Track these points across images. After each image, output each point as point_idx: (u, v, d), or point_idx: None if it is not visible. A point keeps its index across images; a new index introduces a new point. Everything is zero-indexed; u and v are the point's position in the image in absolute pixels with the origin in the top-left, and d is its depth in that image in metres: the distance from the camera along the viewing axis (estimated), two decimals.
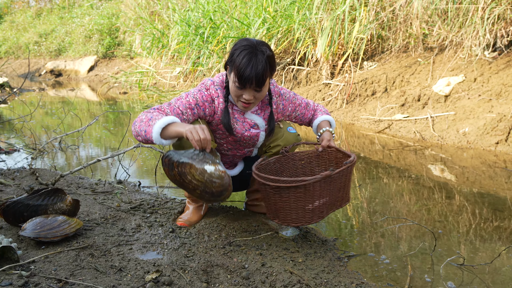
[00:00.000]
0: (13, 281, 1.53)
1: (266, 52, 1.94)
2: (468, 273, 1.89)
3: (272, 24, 7.31)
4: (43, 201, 2.16)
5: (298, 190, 1.93)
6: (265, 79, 1.94)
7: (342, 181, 2.06)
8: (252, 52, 1.91)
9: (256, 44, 1.95)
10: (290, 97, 2.31)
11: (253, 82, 1.92)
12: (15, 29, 22.75)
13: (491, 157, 3.80)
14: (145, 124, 1.89)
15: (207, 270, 1.75)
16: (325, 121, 2.36)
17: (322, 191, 1.97)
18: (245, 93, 1.98)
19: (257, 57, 1.91)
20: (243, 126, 2.17)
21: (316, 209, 2.00)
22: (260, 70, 1.91)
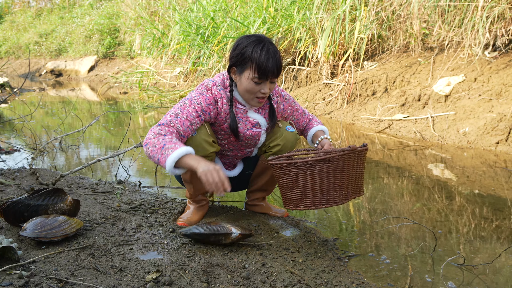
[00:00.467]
0: (13, 281, 1.53)
1: (272, 43, 2.03)
2: (468, 273, 1.89)
3: (272, 24, 7.31)
4: (43, 201, 2.16)
5: (326, 165, 1.94)
6: (280, 69, 2.04)
7: (359, 166, 2.06)
8: (264, 45, 1.98)
9: (260, 37, 2.03)
10: (290, 100, 2.36)
11: (274, 71, 1.99)
12: (15, 29, 22.77)
13: (492, 157, 3.80)
14: (158, 152, 1.89)
15: (208, 270, 1.75)
16: (321, 131, 2.38)
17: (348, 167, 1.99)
18: (263, 87, 2.03)
19: (270, 48, 1.99)
20: (245, 125, 2.17)
21: (344, 187, 2.01)
22: (277, 61, 2.00)
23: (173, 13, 9.93)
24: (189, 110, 2.02)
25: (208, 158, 2.11)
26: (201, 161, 1.84)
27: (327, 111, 6.17)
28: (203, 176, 1.79)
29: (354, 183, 2.06)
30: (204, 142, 2.07)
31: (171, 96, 8.45)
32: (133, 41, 13.39)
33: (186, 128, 2.00)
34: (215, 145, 2.13)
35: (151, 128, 1.99)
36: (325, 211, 2.66)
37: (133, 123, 6.16)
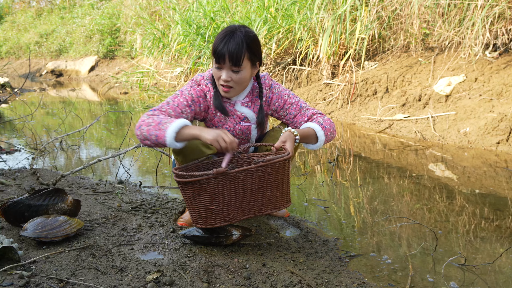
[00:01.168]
0: (14, 281, 1.53)
1: (245, 32, 1.97)
2: (469, 273, 1.89)
3: (273, 24, 7.31)
4: (44, 201, 2.16)
5: (195, 187, 1.79)
6: (240, 57, 1.94)
7: (263, 181, 1.83)
8: (230, 32, 1.96)
9: (236, 26, 2.00)
10: (282, 92, 2.20)
11: (226, 57, 1.93)
12: (16, 29, 22.77)
13: (492, 157, 3.79)
14: (155, 128, 1.87)
15: (208, 270, 1.75)
16: (309, 129, 2.11)
17: (224, 189, 1.79)
18: (223, 73, 1.99)
19: (234, 35, 1.95)
20: (233, 119, 2.16)
21: (220, 210, 1.82)
22: (234, 46, 1.93)
23: (174, 13, 9.93)
24: (180, 99, 2.04)
25: (205, 160, 2.13)
26: (202, 129, 1.86)
27: (328, 111, 6.16)
28: (215, 143, 1.82)
29: (252, 200, 1.85)
30: (200, 145, 2.06)
31: None
32: (133, 41, 13.39)
33: (178, 115, 1.99)
34: (212, 146, 2.11)
35: (141, 116, 1.99)
36: (326, 211, 2.66)
37: (134, 123, 6.17)
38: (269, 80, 2.22)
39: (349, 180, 3.32)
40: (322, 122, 2.13)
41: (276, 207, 1.90)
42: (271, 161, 1.81)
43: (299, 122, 2.19)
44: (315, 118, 2.17)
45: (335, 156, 3.87)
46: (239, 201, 1.83)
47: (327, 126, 2.13)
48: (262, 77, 2.20)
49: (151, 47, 10.29)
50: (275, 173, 1.84)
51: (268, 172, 1.82)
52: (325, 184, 3.21)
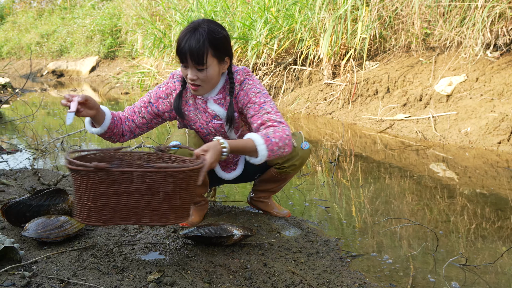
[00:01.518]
0: (15, 282, 1.54)
1: (208, 28, 1.88)
2: (470, 273, 1.89)
3: (274, 24, 7.31)
4: (45, 201, 2.16)
5: (75, 176, 1.59)
6: (202, 56, 1.86)
7: (150, 188, 1.59)
8: (192, 28, 1.88)
9: (200, 22, 1.91)
10: (250, 90, 2.03)
11: (187, 57, 1.87)
12: (17, 30, 22.79)
13: (493, 156, 3.79)
14: None
15: (209, 270, 1.75)
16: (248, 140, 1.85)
17: (103, 187, 1.57)
18: (188, 72, 1.94)
19: (195, 32, 1.86)
20: (206, 118, 2.12)
21: (96, 209, 1.60)
22: (195, 44, 1.84)
23: (174, 13, 9.93)
24: (138, 102, 2.16)
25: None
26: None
27: (329, 111, 6.16)
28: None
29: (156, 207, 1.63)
30: (189, 156, 2.02)
31: None
32: (134, 41, 13.40)
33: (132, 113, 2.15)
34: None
35: None
36: (327, 211, 2.66)
37: None
38: (243, 75, 2.07)
39: (350, 180, 3.32)
40: (270, 134, 1.86)
41: (162, 222, 1.65)
42: (163, 168, 1.58)
43: (253, 125, 1.99)
44: (267, 126, 1.92)
45: (336, 156, 3.87)
46: (119, 204, 1.60)
47: (274, 140, 1.84)
48: (237, 72, 2.07)
49: (152, 48, 10.29)
50: (167, 184, 1.60)
51: (158, 180, 1.59)
52: (326, 184, 3.21)
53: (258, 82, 2.08)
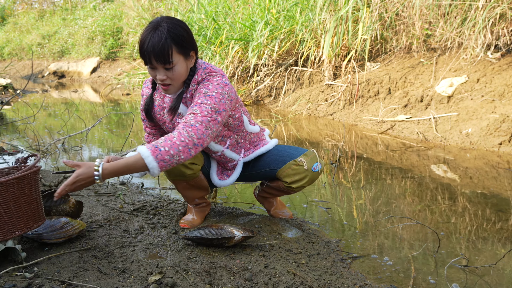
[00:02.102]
0: (16, 283, 1.54)
1: (168, 26, 1.83)
2: (471, 274, 1.89)
3: (275, 26, 7.31)
4: (46, 202, 2.16)
5: None
6: (166, 54, 1.82)
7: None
8: (152, 28, 1.84)
9: (159, 20, 1.87)
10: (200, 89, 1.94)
11: (151, 57, 1.84)
12: (18, 31, 22.83)
13: (495, 158, 3.79)
14: None
15: (210, 271, 1.75)
16: (135, 156, 1.71)
17: None
18: (157, 73, 1.90)
19: (156, 31, 1.82)
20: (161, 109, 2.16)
21: None
22: (157, 44, 1.80)
23: (175, 14, 9.94)
24: (143, 125, 2.29)
25: (189, 178, 2.13)
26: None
27: (330, 112, 6.16)
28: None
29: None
30: (180, 165, 2.05)
31: None
32: (135, 42, 13.41)
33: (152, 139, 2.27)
34: (193, 166, 2.08)
35: None
36: (328, 212, 2.66)
37: (136, 124, 6.17)
38: (202, 75, 1.98)
39: (351, 181, 3.32)
40: (159, 143, 1.71)
41: (9, 233, 1.68)
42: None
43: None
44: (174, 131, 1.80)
45: (337, 157, 3.87)
46: None
47: (163, 148, 1.70)
48: (200, 69, 1.99)
49: None
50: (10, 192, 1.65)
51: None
52: (327, 185, 3.21)
53: (215, 83, 1.93)
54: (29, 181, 1.72)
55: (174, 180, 2.16)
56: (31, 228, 1.75)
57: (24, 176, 1.69)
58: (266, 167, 2.28)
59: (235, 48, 7.62)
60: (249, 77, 7.89)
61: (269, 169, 2.26)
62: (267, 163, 2.27)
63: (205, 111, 1.82)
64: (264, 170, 2.28)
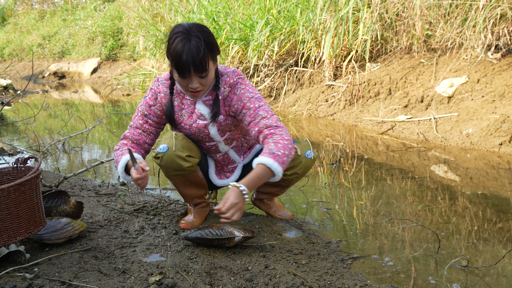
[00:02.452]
0: (17, 284, 1.54)
1: (201, 35, 1.84)
2: (472, 275, 1.89)
3: (275, 26, 7.31)
4: (46, 203, 2.16)
5: None
6: (205, 64, 1.85)
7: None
8: (185, 37, 1.82)
9: (189, 28, 1.85)
10: (243, 94, 2.02)
11: (190, 69, 1.84)
12: (18, 31, 22.84)
13: (495, 158, 3.79)
14: (116, 164, 2.07)
15: (211, 272, 1.75)
16: (260, 167, 1.89)
17: None
18: (190, 82, 1.91)
19: (191, 42, 1.81)
20: (191, 117, 2.10)
21: None
22: (196, 55, 1.81)
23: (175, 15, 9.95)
24: (137, 118, 2.14)
25: (187, 172, 2.10)
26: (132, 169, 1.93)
27: (330, 113, 6.17)
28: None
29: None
30: (177, 158, 2.04)
31: None
32: (136, 43, 13.43)
33: (139, 136, 2.12)
34: (191, 159, 2.07)
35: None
36: (328, 212, 2.66)
37: None
38: (232, 78, 2.04)
39: (352, 182, 3.32)
40: (273, 149, 1.89)
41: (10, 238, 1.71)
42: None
43: (251, 132, 2.03)
44: (265, 136, 1.96)
45: (337, 157, 3.87)
46: None
47: (279, 152, 1.89)
48: (226, 73, 2.05)
49: (154, 49, 10.31)
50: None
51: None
52: (328, 186, 3.21)
53: (250, 85, 2.06)
54: (30, 186, 1.73)
55: (172, 176, 2.13)
56: (32, 232, 1.76)
57: (25, 182, 1.69)
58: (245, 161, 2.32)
59: (235, 49, 7.62)
60: (250, 77, 7.89)
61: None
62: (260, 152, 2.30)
63: (269, 110, 2.01)
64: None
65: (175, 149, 2.03)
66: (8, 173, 1.96)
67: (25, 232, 1.73)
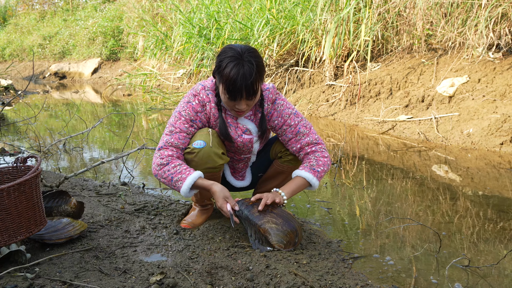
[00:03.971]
0: (18, 283, 1.54)
1: (254, 60, 1.89)
2: (473, 275, 1.89)
3: (275, 25, 7.31)
4: (47, 203, 2.16)
5: None
6: (256, 89, 1.91)
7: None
8: (239, 63, 1.86)
9: (242, 52, 1.89)
10: (283, 111, 2.14)
11: (243, 94, 1.89)
12: (19, 32, 22.87)
13: (496, 158, 3.78)
14: (171, 185, 2.01)
15: (212, 272, 1.75)
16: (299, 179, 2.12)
17: None
18: (238, 104, 1.96)
19: (245, 68, 1.86)
20: (236, 132, 2.11)
21: None
22: (250, 81, 1.86)
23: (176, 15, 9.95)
24: (180, 123, 2.05)
25: (217, 169, 2.09)
26: (214, 185, 1.99)
27: (331, 113, 6.16)
28: (218, 201, 1.99)
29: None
30: (214, 155, 2.03)
31: (174, 98, 8.47)
32: (136, 43, 13.44)
33: (184, 140, 2.06)
34: (224, 156, 2.08)
35: (154, 154, 2.06)
36: (329, 212, 2.66)
37: (137, 125, 6.18)
38: (273, 94, 2.13)
39: (352, 182, 3.32)
40: (314, 165, 2.12)
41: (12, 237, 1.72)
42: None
43: (291, 147, 2.17)
44: (306, 153, 2.15)
45: (338, 157, 3.87)
46: None
47: (319, 169, 2.12)
48: (267, 90, 2.12)
49: (154, 49, 10.32)
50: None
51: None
52: (328, 186, 3.21)
53: (286, 101, 2.17)
54: (30, 186, 1.73)
55: (202, 172, 2.06)
56: (32, 232, 1.76)
57: (25, 182, 1.69)
58: (262, 150, 2.35)
59: None
60: None
61: (265, 151, 2.33)
62: (263, 148, 2.35)
63: (307, 124, 2.16)
64: (260, 155, 2.35)
65: (212, 146, 2.03)
66: (8, 173, 1.96)
67: (26, 232, 1.73)
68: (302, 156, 2.16)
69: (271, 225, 1.99)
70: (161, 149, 2.03)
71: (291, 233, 2.00)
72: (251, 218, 2.02)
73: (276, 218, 2.02)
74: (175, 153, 2.02)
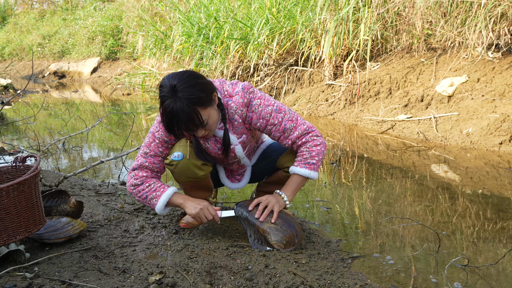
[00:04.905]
0: (17, 283, 1.54)
1: (187, 95, 1.78)
2: (472, 274, 1.89)
3: (275, 25, 7.31)
4: (46, 202, 2.16)
5: None
6: (197, 121, 1.83)
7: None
8: (172, 101, 1.78)
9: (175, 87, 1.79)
10: (262, 111, 2.01)
11: (182, 131, 1.87)
12: (18, 31, 22.84)
13: (495, 157, 3.78)
14: (146, 203, 2.04)
15: (211, 271, 1.75)
16: (297, 177, 2.11)
17: None
18: (196, 134, 1.92)
19: (177, 105, 1.78)
20: (215, 145, 2.07)
21: None
22: (184, 120, 1.80)
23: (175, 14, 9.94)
24: (154, 145, 2.03)
25: (201, 179, 2.08)
26: (187, 200, 2.01)
27: (330, 112, 6.16)
28: (196, 218, 1.99)
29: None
30: (193, 166, 2.02)
31: None
32: (135, 42, 13.42)
33: (159, 164, 2.06)
34: (205, 167, 2.06)
35: (129, 173, 2.08)
36: (328, 212, 2.66)
37: (136, 124, 6.17)
38: (245, 97, 1.99)
39: (352, 181, 3.32)
40: (307, 157, 2.07)
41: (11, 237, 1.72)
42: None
43: (283, 144, 2.11)
44: (298, 146, 2.08)
45: (337, 157, 3.87)
46: None
47: (313, 160, 2.07)
48: (236, 94, 1.99)
49: (153, 48, 10.31)
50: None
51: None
52: (328, 185, 3.21)
53: (264, 97, 2.03)
54: (29, 185, 1.72)
55: (185, 181, 2.09)
56: (32, 231, 1.76)
57: (24, 181, 1.69)
58: (268, 158, 2.33)
59: (235, 48, 7.62)
60: (250, 76, 7.89)
61: (271, 159, 2.31)
62: (268, 154, 2.33)
63: (292, 117, 2.05)
64: (267, 161, 2.33)
65: (190, 157, 2.01)
66: (7, 172, 1.96)
67: (25, 231, 1.73)
68: (295, 148, 2.12)
69: (270, 225, 1.99)
70: (136, 169, 2.04)
71: (290, 233, 2.00)
72: (250, 218, 2.02)
73: (276, 218, 2.02)
74: (149, 174, 2.05)
